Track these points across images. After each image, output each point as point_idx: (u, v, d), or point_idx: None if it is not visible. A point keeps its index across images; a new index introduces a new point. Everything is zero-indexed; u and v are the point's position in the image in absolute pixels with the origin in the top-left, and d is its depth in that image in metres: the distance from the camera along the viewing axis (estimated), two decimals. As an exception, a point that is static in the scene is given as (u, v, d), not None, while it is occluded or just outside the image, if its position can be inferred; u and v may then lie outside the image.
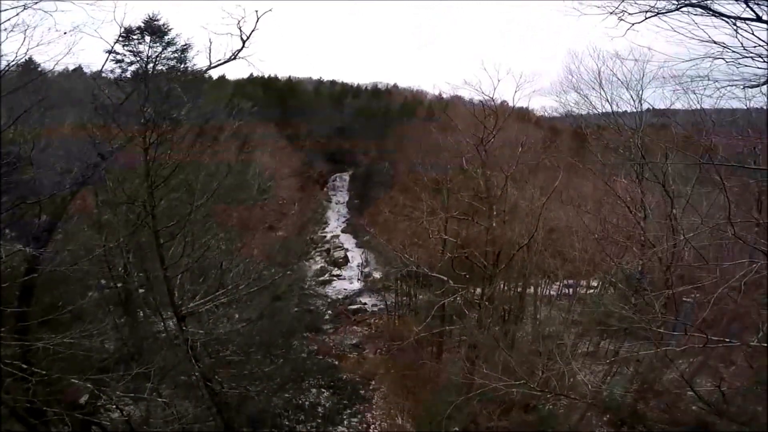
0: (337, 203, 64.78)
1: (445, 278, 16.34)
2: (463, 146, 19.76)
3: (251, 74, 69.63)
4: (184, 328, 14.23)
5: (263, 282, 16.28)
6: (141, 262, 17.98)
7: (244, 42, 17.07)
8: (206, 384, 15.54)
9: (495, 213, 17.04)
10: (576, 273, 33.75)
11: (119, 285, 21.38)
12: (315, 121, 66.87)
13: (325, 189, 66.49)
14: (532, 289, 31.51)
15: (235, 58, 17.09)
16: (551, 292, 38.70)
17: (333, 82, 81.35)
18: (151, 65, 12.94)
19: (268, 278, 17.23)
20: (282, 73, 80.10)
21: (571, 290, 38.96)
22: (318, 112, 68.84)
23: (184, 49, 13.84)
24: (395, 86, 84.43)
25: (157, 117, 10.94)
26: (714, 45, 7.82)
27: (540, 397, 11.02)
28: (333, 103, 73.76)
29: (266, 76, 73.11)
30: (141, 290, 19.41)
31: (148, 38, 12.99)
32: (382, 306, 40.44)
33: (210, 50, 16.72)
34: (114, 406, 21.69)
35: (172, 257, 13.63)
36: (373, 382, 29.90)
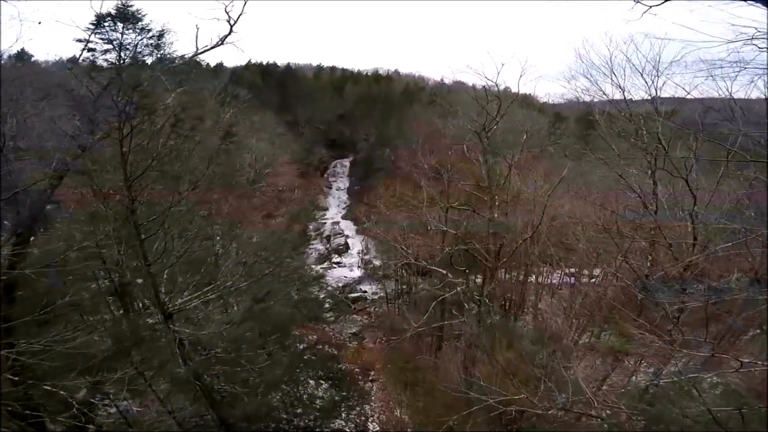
0: (337, 189, 63.74)
1: (444, 272, 15.51)
2: (465, 132, 18.72)
3: (249, 61, 68.31)
4: (171, 326, 13.50)
5: (255, 277, 15.47)
6: (135, 254, 17.30)
7: (231, 27, 16.24)
8: (197, 383, 14.89)
9: (497, 203, 16.11)
10: (579, 262, 32.98)
11: (115, 278, 20.76)
12: (315, 107, 65.52)
13: (325, 175, 65.43)
14: (533, 278, 30.82)
15: (222, 44, 16.22)
16: (552, 281, 38.08)
17: (333, 68, 79.68)
18: (125, 53, 11.96)
19: (262, 271, 16.40)
20: (281, 60, 78.74)
21: (572, 279, 38.34)
22: (318, 98, 67.41)
23: (161, 34, 12.83)
24: (396, 72, 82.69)
25: (131, 107, 10.03)
26: (743, 29, 6.88)
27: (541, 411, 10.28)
28: (333, 89, 72.19)
29: (265, 62, 71.76)
30: (139, 281, 18.75)
31: (120, 25, 11.99)
32: (382, 294, 39.88)
33: (197, 36, 15.91)
34: (111, 401, 21.30)
35: (157, 252, 12.83)
36: (372, 373, 29.45)
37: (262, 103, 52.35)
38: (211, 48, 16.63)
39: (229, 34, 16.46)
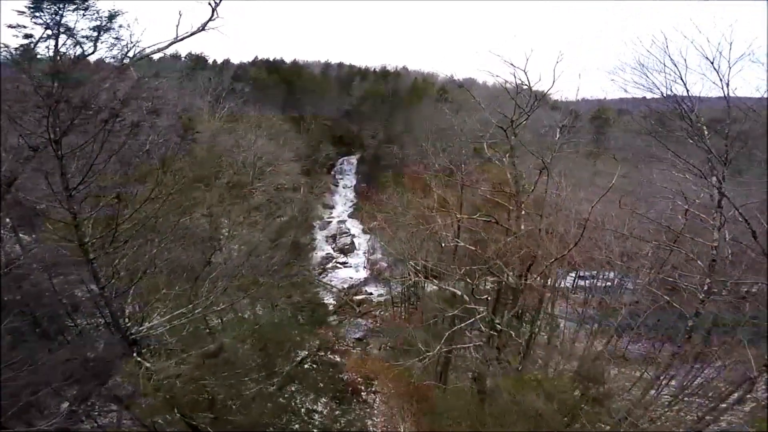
0: (344, 187, 61.04)
1: (460, 292, 12.87)
2: (480, 130, 15.92)
3: (256, 57, 65.95)
4: (135, 354, 11.05)
5: (238, 295, 13.02)
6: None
7: (214, 9, 14.08)
8: (167, 416, 12.53)
9: (523, 211, 13.31)
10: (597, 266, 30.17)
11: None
12: (322, 103, 62.84)
13: (332, 173, 62.72)
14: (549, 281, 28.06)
15: (203, 29, 14.15)
16: (566, 284, 35.44)
17: (341, 65, 76.62)
18: (66, 39, 9.51)
19: (242, 291, 13.93)
20: (288, 57, 76.11)
21: (586, 282, 35.65)
22: (325, 94, 64.72)
23: (112, 16, 10.37)
24: (404, 68, 79.35)
25: (65, 102, 7.56)
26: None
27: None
28: (340, 85, 69.36)
29: (271, 59, 69.15)
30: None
31: (59, 5, 9.50)
32: (388, 297, 37.34)
33: (178, 23, 13.94)
34: (92, 416, 19.13)
35: (120, 268, 10.40)
36: (375, 383, 27.00)
37: (268, 99, 49.80)
38: (192, 34, 14.44)
39: (212, 18, 14.25)
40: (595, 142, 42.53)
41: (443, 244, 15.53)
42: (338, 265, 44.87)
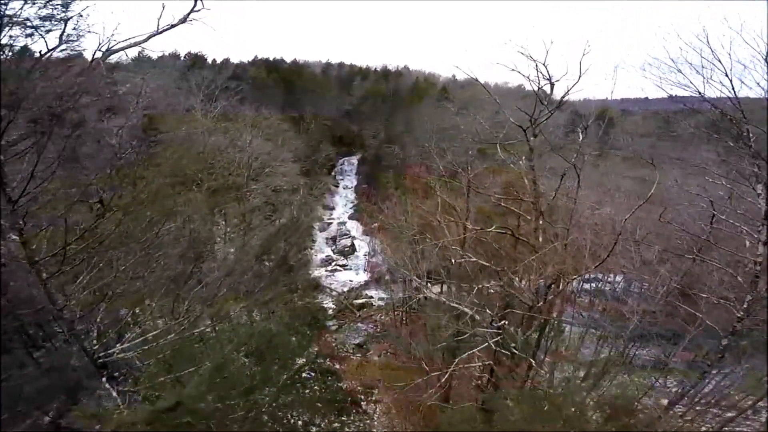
0: (345, 188, 59.52)
1: (470, 311, 11.49)
2: (492, 128, 14.46)
3: (255, 56, 64.64)
4: (104, 379, 9.70)
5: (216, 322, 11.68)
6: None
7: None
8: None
9: (541, 221, 11.85)
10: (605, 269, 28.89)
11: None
12: (322, 103, 61.32)
13: (332, 173, 61.18)
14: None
15: (185, 21, 12.90)
16: (571, 288, 34.09)
17: (341, 65, 74.98)
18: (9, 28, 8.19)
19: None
20: (288, 56, 74.72)
21: (591, 285, 34.30)
22: (325, 94, 63.20)
23: (66, 5, 9.03)
24: (406, 68, 77.73)
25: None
26: None
27: None
28: (341, 85, 67.80)
29: (271, 58, 67.67)
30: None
31: None
32: (389, 300, 35.92)
33: (160, 15, 12.80)
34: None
35: (77, 290, 9.03)
36: (375, 392, 25.65)
37: (267, 98, 48.29)
38: (173, 26, 13.21)
39: (194, 9, 12.97)
40: (599, 142, 41.09)
41: (453, 261, 14.05)
42: (338, 267, 43.50)
